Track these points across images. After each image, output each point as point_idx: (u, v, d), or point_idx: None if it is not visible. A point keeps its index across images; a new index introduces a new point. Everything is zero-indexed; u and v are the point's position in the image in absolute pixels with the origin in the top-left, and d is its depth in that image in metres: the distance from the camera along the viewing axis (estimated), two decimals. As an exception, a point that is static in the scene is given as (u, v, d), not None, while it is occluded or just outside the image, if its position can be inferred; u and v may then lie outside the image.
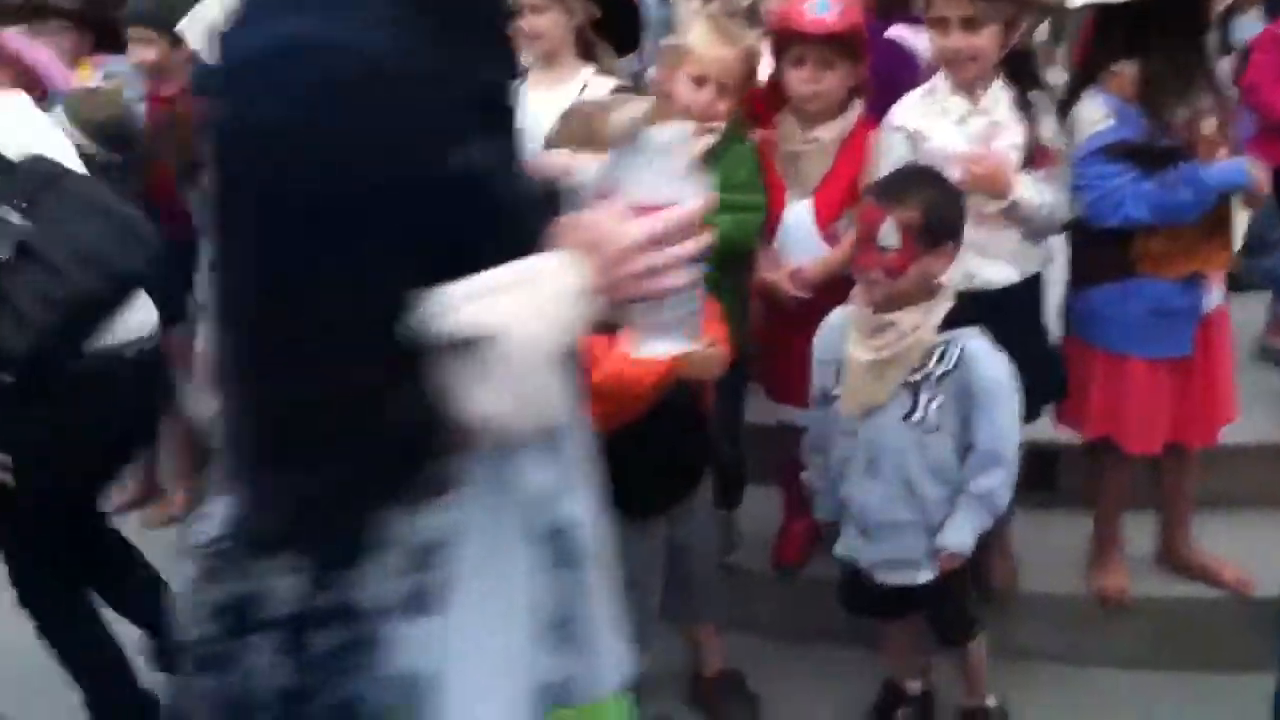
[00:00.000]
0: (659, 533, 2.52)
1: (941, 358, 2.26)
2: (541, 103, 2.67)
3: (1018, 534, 2.90)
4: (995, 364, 2.26)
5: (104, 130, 3.24)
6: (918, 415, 2.27)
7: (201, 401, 3.17)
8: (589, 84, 2.91)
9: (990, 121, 2.55)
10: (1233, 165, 2.51)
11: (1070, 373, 2.74)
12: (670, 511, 2.52)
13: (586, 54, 3.02)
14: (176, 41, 3.37)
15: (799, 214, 2.80)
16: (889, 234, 2.22)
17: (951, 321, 2.28)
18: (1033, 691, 2.76)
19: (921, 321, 2.26)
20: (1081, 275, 2.74)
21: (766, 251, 2.81)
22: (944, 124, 2.57)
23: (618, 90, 2.85)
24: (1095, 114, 2.55)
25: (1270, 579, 2.84)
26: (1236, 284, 2.94)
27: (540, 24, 2.91)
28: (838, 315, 2.44)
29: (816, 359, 2.45)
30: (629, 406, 2.30)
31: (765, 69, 2.82)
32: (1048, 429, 2.84)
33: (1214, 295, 2.67)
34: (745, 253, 2.76)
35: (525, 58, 2.95)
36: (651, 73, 3.22)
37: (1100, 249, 2.64)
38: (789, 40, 2.73)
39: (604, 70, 3.01)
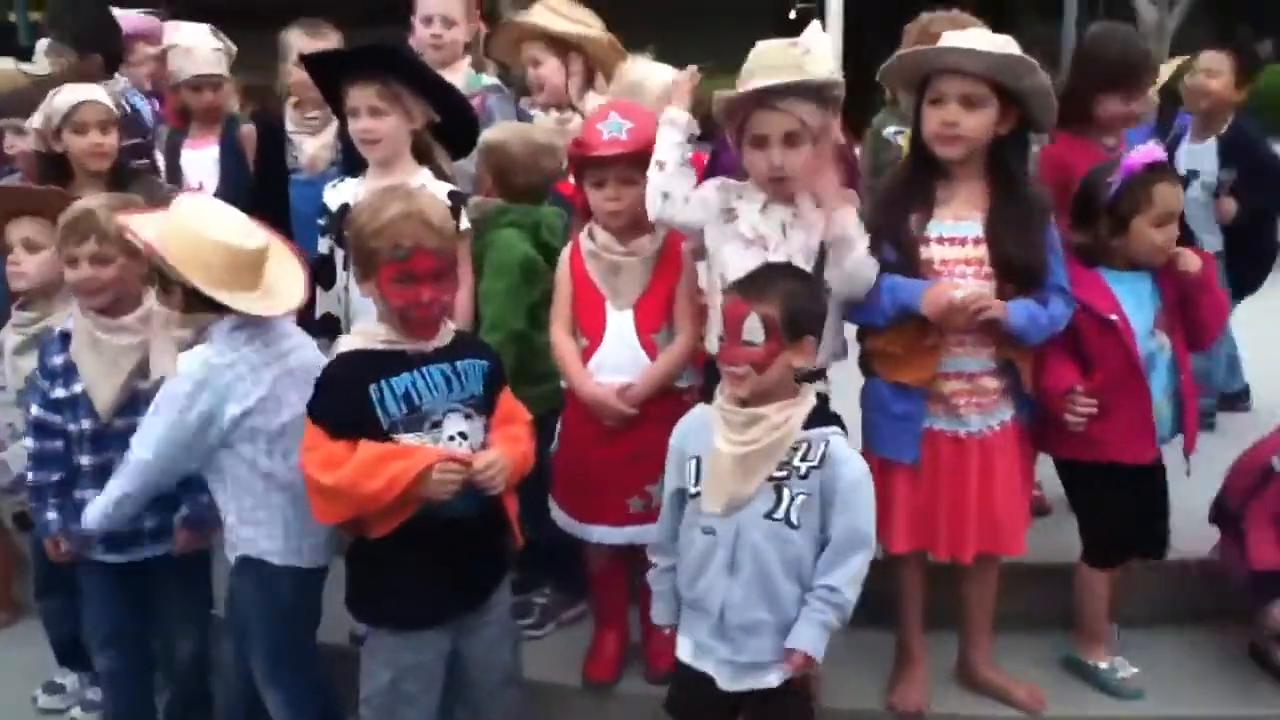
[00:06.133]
0: (438, 645, 2.48)
1: (806, 454, 2.30)
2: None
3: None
4: (856, 463, 2.33)
5: None
6: (780, 511, 2.30)
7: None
8: (426, 186, 2.89)
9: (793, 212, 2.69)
10: (905, 284, 2.66)
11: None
12: (456, 623, 2.49)
13: (422, 157, 3.04)
14: None
15: (620, 325, 2.85)
16: (754, 329, 2.28)
17: (812, 419, 2.33)
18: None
19: (791, 415, 2.31)
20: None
21: (584, 364, 2.85)
22: (750, 208, 2.70)
23: (453, 195, 2.89)
24: None
25: (1062, 698, 2.95)
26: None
27: (380, 128, 2.92)
28: (698, 411, 2.46)
29: (673, 456, 2.46)
30: (369, 511, 2.35)
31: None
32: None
33: (984, 416, 2.74)
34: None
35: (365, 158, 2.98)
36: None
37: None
38: (587, 164, 2.82)
39: (439, 174, 3.03)
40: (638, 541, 2.81)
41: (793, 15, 12.87)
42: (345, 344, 2.50)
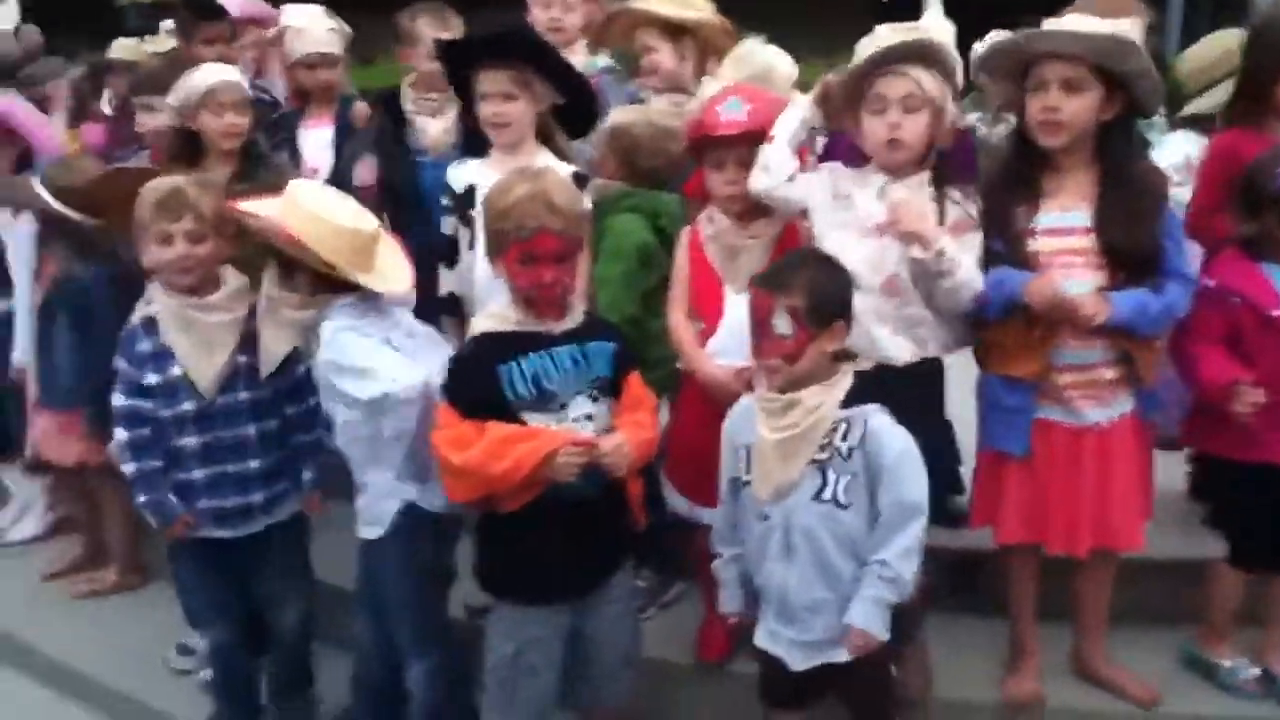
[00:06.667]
0: (560, 621, 2.53)
1: (846, 434, 2.31)
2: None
3: (935, 640, 2.92)
4: (897, 438, 2.32)
5: (76, 199, 3.28)
6: (828, 493, 2.32)
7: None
8: (550, 167, 2.92)
9: (907, 195, 2.65)
10: (1012, 276, 2.62)
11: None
12: (578, 600, 2.54)
13: (544, 139, 3.08)
14: None
15: (738, 309, 2.84)
16: (781, 321, 2.30)
17: (852, 398, 2.34)
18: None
19: (824, 398, 2.32)
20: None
21: (701, 347, 2.85)
22: (865, 193, 2.68)
23: (575, 176, 2.92)
24: None
25: (1177, 694, 2.92)
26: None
27: (511, 112, 2.96)
28: (744, 402, 2.49)
29: (726, 446, 2.49)
30: (497, 490, 2.41)
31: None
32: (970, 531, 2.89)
33: (1101, 408, 2.69)
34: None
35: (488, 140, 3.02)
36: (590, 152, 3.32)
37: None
38: (706, 145, 2.82)
39: (560, 155, 3.07)
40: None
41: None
42: (477, 326, 2.55)
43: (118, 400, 2.81)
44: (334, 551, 3.02)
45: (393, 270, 2.70)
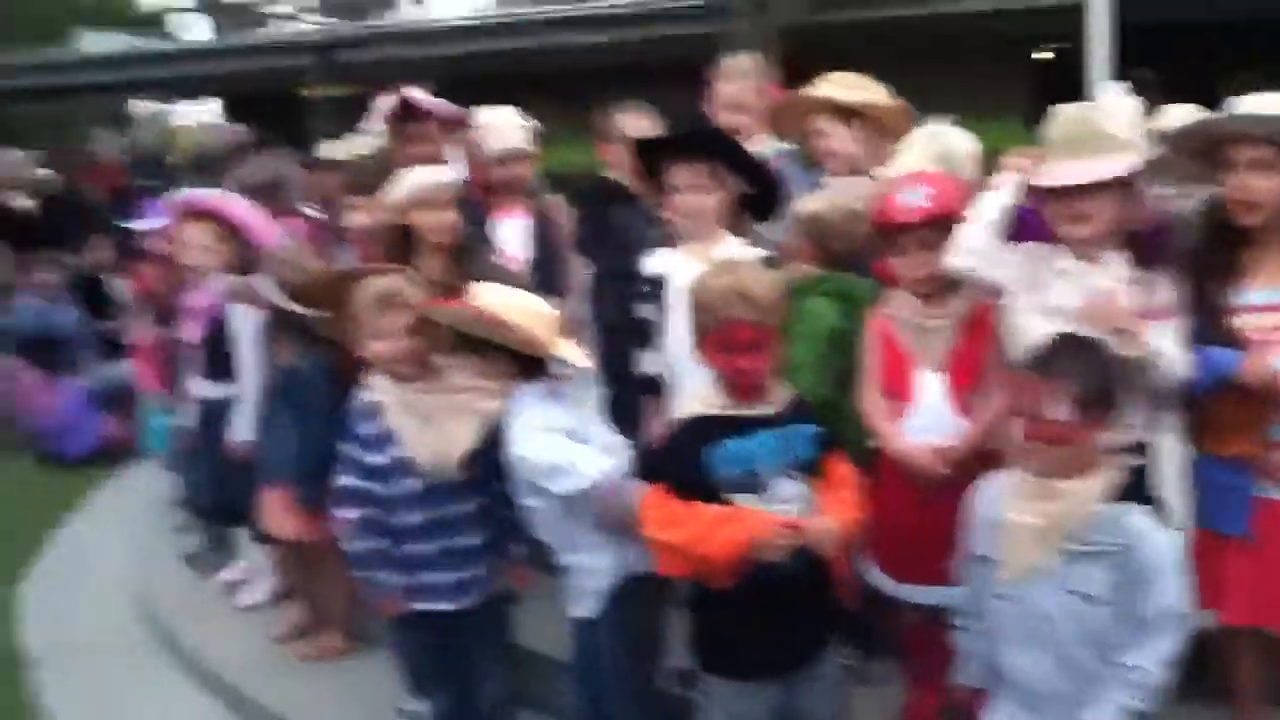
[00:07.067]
0: (769, 696, 2.59)
1: (1106, 529, 2.29)
2: (695, 273, 2.85)
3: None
4: (1163, 541, 2.29)
5: (302, 295, 3.57)
6: (1078, 585, 2.29)
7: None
8: (738, 253, 3.08)
9: (1107, 283, 2.67)
10: (1222, 355, 2.59)
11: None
12: (787, 676, 2.60)
13: (731, 226, 3.23)
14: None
15: (930, 387, 2.91)
16: (1055, 406, 2.28)
17: (1115, 493, 2.32)
18: None
19: (1089, 491, 2.31)
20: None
21: (895, 427, 2.92)
22: (1060, 275, 2.70)
23: (764, 260, 3.06)
24: None
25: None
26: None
27: (703, 202, 3.13)
28: (997, 479, 2.50)
29: (974, 522, 2.51)
30: (707, 569, 2.50)
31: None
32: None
33: None
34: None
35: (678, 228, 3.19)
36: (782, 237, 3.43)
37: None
38: (889, 231, 2.91)
39: (748, 239, 3.23)
40: (955, 603, 2.87)
41: (1046, 55, 12.53)
42: (684, 408, 2.68)
43: (342, 481, 3.03)
44: (546, 621, 3.17)
45: (572, 350, 2.89)
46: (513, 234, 4.22)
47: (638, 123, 3.87)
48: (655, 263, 3.27)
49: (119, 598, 4.99)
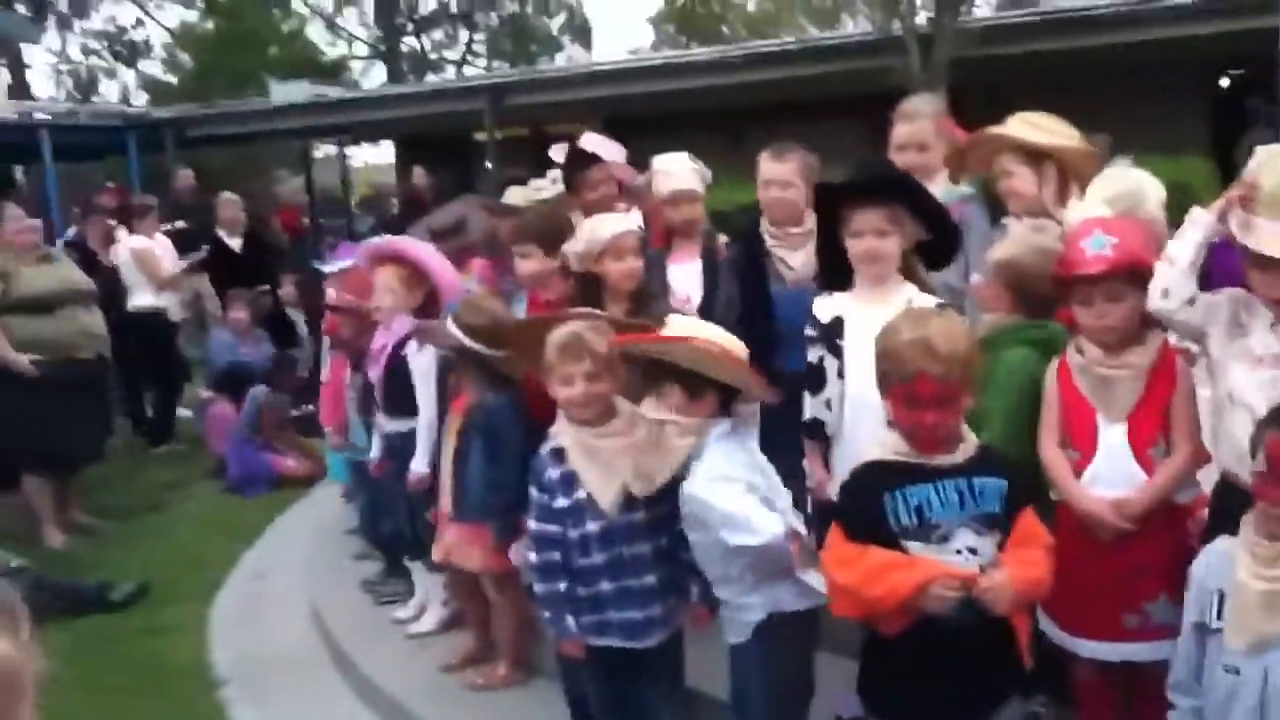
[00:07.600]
0: None
1: None
2: (871, 319, 2.88)
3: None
4: None
5: (485, 336, 3.72)
6: None
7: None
8: (913, 300, 3.07)
9: None
10: None
11: None
12: None
13: (907, 272, 3.21)
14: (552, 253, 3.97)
15: (1113, 439, 2.84)
16: None
17: None
18: None
19: None
20: None
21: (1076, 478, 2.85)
22: (1261, 322, 2.62)
23: (941, 306, 3.02)
24: None
25: None
26: None
27: (882, 247, 3.12)
28: (1221, 543, 2.41)
29: (1196, 587, 2.42)
30: (874, 613, 2.50)
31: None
32: None
33: None
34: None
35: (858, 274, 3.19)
36: (975, 280, 3.40)
37: None
38: (1073, 283, 2.84)
39: (922, 287, 3.20)
40: (1132, 659, 2.78)
41: (1224, 83, 12.04)
42: (867, 453, 2.67)
43: (531, 525, 3.13)
44: (718, 666, 3.15)
45: (767, 389, 2.97)
46: (685, 276, 4.28)
47: (779, 163, 3.87)
48: (827, 306, 3.27)
49: (299, 620, 5.23)
